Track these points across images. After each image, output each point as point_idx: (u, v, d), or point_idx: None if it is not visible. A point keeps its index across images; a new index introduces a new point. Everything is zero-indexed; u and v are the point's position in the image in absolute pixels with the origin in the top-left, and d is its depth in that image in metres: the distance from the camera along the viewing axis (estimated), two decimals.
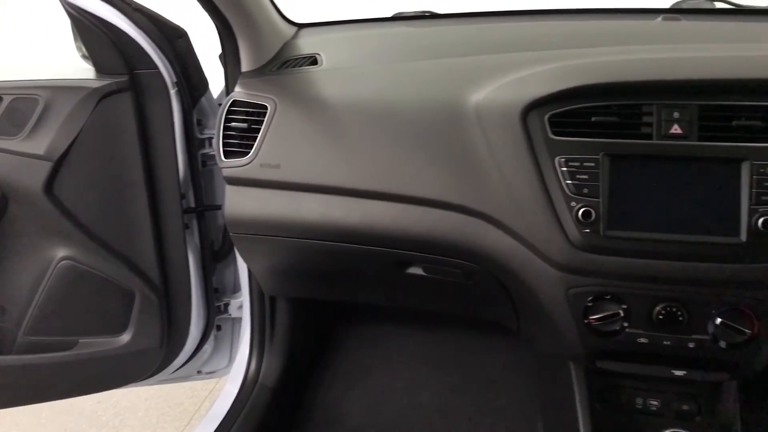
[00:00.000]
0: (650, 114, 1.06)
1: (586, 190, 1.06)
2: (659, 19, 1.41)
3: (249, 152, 1.27)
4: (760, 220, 1.00)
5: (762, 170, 1.01)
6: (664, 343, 1.09)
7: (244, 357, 1.70)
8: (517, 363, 1.75)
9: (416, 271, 1.32)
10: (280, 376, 1.71)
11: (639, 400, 1.26)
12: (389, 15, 1.66)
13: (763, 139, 1.02)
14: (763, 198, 1.00)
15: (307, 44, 1.49)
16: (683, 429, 1.00)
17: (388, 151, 1.20)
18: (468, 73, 1.22)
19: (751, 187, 1.01)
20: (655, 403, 1.24)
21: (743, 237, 1.01)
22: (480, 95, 1.17)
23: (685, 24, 1.38)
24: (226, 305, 1.69)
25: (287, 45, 1.49)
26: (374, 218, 1.22)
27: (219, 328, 1.72)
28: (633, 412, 1.25)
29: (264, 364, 1.70)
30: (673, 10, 1.49)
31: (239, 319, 1.71)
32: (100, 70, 1.38)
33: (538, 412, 1.60)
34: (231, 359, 1.75)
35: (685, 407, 1.23)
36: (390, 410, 1.76)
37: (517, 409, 1.69)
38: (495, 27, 1.48)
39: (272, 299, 1.69)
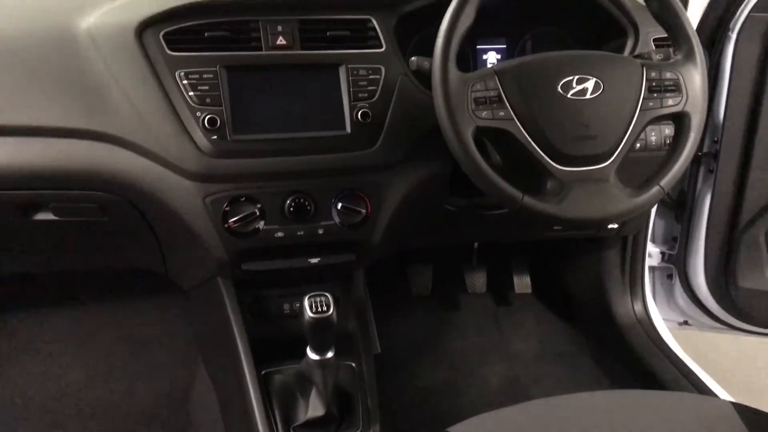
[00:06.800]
0: (257, 29, 1.17)
1: (209, 100, 1.11)
2: None
3: None
4: (359, 114, 1.17)
5: (355, 72, 1.18)
6: (298, 233, 1.20)
7: None
8: (169, 317, 1.73)
9: (46, 216, 1.23)
10: None
11: (286, 306, 1.36)
12: None
13: (353, 46, 1.20)
14: (359, 95, 1.18)
15: None
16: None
17: None
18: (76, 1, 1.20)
19: (349, 87, 1.18)
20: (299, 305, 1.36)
21: (348, 129, 1.18)
22: (90, 20, 1.15)
23: None
24: None
25: None
26: None
27: None
28: (282, 318, 1.36)
29: None
30: None
31: None
32: None
33: (198, 356, 1.61)
34: None
35: None
36: (38, 397, 1.59)
37: (177, 360, 1.68)
38: None
39: None
